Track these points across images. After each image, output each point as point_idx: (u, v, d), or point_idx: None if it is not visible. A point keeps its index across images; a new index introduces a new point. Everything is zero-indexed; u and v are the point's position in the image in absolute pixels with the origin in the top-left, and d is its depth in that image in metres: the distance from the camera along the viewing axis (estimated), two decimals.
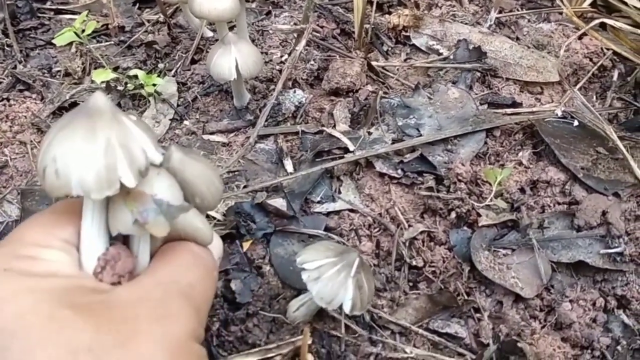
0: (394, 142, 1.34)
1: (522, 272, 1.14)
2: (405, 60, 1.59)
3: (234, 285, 1.09)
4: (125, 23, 1.74)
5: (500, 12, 1.69)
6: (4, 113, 1.52)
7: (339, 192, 1.29)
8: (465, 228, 1.20)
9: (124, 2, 1.82)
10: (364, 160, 1.31)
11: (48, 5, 1.83)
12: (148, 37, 1.70)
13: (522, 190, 1.26)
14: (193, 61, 1.62)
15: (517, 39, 1.62)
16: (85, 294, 0.62)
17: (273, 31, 1.60)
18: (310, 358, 1.01)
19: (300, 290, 1.10)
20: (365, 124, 1.40)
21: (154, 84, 1.48)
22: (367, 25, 1.60)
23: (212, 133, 1.44)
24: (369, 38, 1.61)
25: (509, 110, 1.40)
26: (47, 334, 0.55)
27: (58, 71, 1.64)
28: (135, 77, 1.51)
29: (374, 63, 1.53)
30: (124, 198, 0.65)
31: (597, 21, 1.41)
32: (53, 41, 1.37)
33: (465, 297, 1.13)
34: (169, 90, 1.52)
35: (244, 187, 1.28)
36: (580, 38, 1.57)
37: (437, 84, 1.46)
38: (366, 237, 1.22)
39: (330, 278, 0.95)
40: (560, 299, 1.12)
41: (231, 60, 1.29)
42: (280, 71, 1.52)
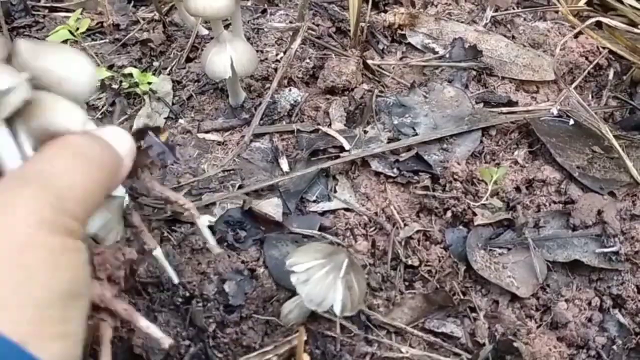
0: (389, 141, 1.34)
1: (517, 272, 1.14)
2: (401, 58, 1.58)
3: (227, 287, 1.09)
4: (120, 21, 1.73)
5: (496, 10, 1.68)
6: None
7: (335, 191, 1.28)
8: (461, 227, 1.20)
9: (118, 0, 1.81)
10: (359, 160, 1.30)
11: (42, 2, 1.82)
12: (143, 35, 1.69)
13: (517, 189, 1.26)
14: (188, 59, 1.61)
15: (513, 37, 1.62)
16: None
17: (268, 29, 1.60)
18: (306, 358, 1.01)
19: (294, 292, 1.09)
20: (361, 123, 1.40)
21: (148, 82, 1.47)
22: (362, 24, 1.60)
23: (207, 132, 1.43)
24: (365, 36, 1.61)
25: (505, 109, 1.40)
26: None
27: None
28: (130, 75, 1.51)
29: (369, 61, 1.52)
30: None
31: (593, 20, 1.41)
32: (47, 39, 1.36)
33: (461, 297, 1.13)
34: (164, 88, 1.51)
35: (239, 187, 1.28)
36: (576, 37, 1.57)
37: (433, 83, 1.46)
38: (362, 236, 1.21)
39: (319, 280, 0.95)
40: (556, 298, 1.12)
41: (226, 58, 1.28)
42: (276, 69, 1.52)
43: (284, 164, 1.33)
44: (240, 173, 1.32)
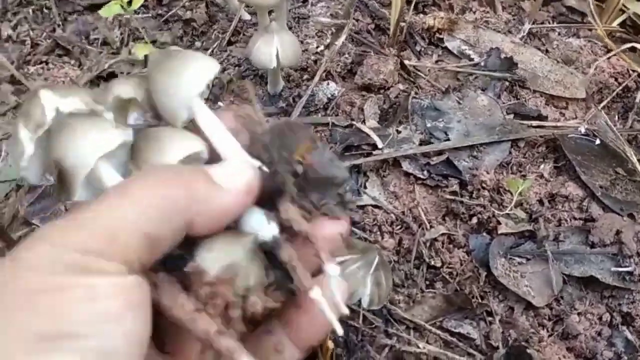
0: (421, 143, 1.38)
1: (534, 282, 1.20)
2: (436, 62, 1.62)
3: None
4: None
5: (533, 23, 1.72)
6: (43, 76, 1.56)
7: (365, 187, 1.34)
8: (484, 234, 1.25)
9: None
10: (391, 159, 1.35)
11: None
12: (186, 13, 1.73)
13: (540, 202, 1.31)
14: (230, 43, 1.65)
15: (547, 51, 1.66)
16: None
17: (313, 23, 1.63)
18: (331, 344, 1.07)
19: None
20: (394, 122, 1.44)
21: None
22: (402, 24, 1.63)
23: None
24: (403, 36, 1.65)
25: (535, 123, 1.45)
26: None
27: (96, 39, 1.68)
28: None
29: (406, 62, 1.56)
30: None
31: (628, 45, 1.45)
32: (99, 12, 1.40)
33: (480, 300, 1.18)
34: None
35: None
36: (607, 56, 1.61)
37: (467, 90, 1.50)
38: (388, 234, 1.27)
39: (351, 274, 1.01)
40: (569, 310, 1.17)
41: (273, 49, 1.33)
42: (315, 61, 1.56)
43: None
44: None
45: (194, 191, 0.53)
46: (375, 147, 1.37)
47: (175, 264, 0.55)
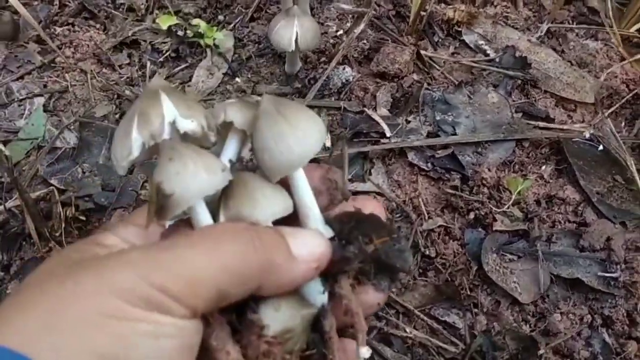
0: (429, 135, 1.43)
1: (523, 279, 1.25)
2: (452, 54, 1.65)
3: None
4: None
5: (552, 22, 1.74)
6: (68, 38, 1.61)
7: (370, 174, 1.39)
8: (480, 229, 1.30)
9: None
10: (398, 149, 1.40)
11: None
12: None
13: (538, 203, 1.36)
14: (252, 19, 1.69)
15: (563, 52, 1.68)
16: None
17: (335, 8, 1.66)
18: None
19: None
20: (404, 111, 1.48)
21: (213, 37, 1.56)
22: (422, 13, 1.66)
23: (260, 94, 1.52)
24: (422, 26, 1.67)
25: (541, 124, 1.48)
26: None
27: (122, 4, 1.72)
28: (197, 25, 1.59)
29: (422, 52, 1.59)
30: None
31: None
32: None
33: (468, 292, 1.24)
34: (226, 44, 1.60)
35: None
36: (621, 61, 1.63)
37: (479, 85, 1.54)
38: (387, 221, 1.32)
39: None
40: (552, 309, 1.23)
41: (292, 32, 1.37)
42: (334, 45, 1.60)
43: (327, 140, 1.43)
44: None
45: (272, 261, 0.57)
46: (383, 135, 1.42)
47: (234, 307, 0.58)
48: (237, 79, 1.55)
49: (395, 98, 1.52)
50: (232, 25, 1.66)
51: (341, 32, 1.63)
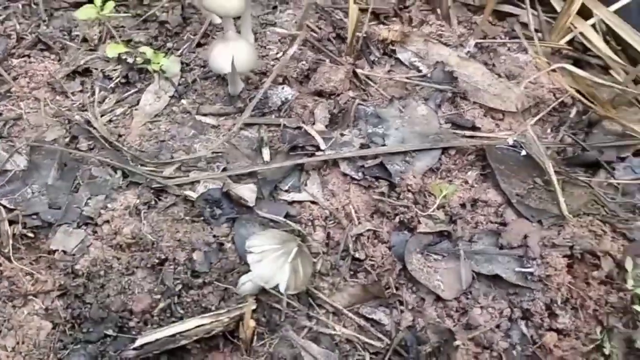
0: (361, 147, 1.51)
1: (446, 277, 1.33)
2: (388, 71, 1.75)
3: (196, 256, 1.29)
4: None
5: (485, 37, 1.84)
6: (24, 69, 1.70)
7: (306, 185, 1.47)
8: (405, 232, 1.38)
9: None
10: (331, 160, 1.49)
11: None
12: (162, 15, 1.86)
13: (463, 206, 1.44)
14: (199, 44, 1.78)
15: (493, 65, 1.78)
16: None
17: (271, 33, 1.76)
18: (252, 323, 1.21)
19: None
20: (341, 126, 1.58)
21: (160, 63, 1.65)
22: (359, 34, 1.76)
23: (204, 114, 1.62)
24: (360, 46, 1.77)
25: (468, 133, 1.57)
26: None
27: (77, 35, 1.81)
28: (144, 52, 1.68)
29: (359, 71, 1.69)
30: None
31: (559, 65, 1.58)
32: (74, 14, 1.54)
33: (394, 291, 1.32)
34: (173, 69, 1.69)
35: (223, 169, 1.47)
36: (548, 72, 1.73)
37: (410, 99, 1.63)
38: (321, 228, 1.40)
39: (270, 262, 1.15)
40: (473, 303, 1.31)
41: (228, 56, 1.46)
42: (274, 66, 1.69)
43: (266, 154, 1.51)
44: (226, 157, 1.51)
45: None
46: (318, 148, 1.51)
47: None
48: (183, 101, 1.64)
49: (332, 114, 1.61)
50: (180, 51, 1.76)
51: (281, 54, 1.73)
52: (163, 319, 1.25)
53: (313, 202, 1.44)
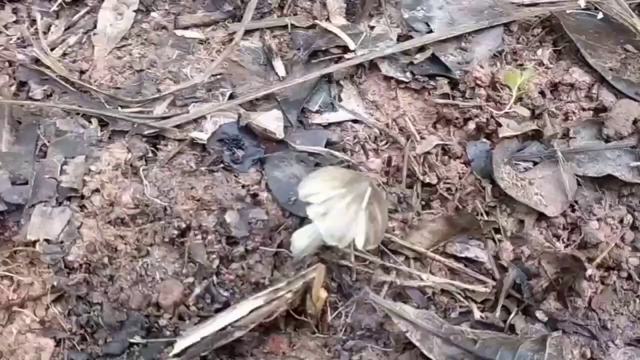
0: (400, 39, 1.19)
1: (545, 188, 1.06)
2: None
3: (228, 217, 0.96)
4: None
5: None
6: None
7: (340, 100, 1.16)
8: (484, 140, 1.10)
9: None
10: (367, 62, 1.16)
11: None
12: None
13: (542, 94, 1.15)
14: None
15: None
16: None
17: None
18: (324, 293, 0.92)
19: (303, 219, 0.98)
20: (363, 16, 1.24)
21: None
22: None
23: (186, 28, 1.26)
24: None
25: (527, 1, 1.25)
26: None
27: None
28: None
29: None
30: None
31: None
32: None
33: (485, 217, 1.04)
34: None
35: (230, 96, 1.13)
36: None
37: None
38: (373, 152, 1.10)
39: (340, 212, 0.84)
40: (586, 216, 1.04)
41: None
42: None
43: (280, 67, 1.19)
44: (230, 79, 1.17)
45: None
46: (346, 49, 1.19)
47: None
48: (153, 14, 1.26)
49: (349, 2, 1.27)
50: None
51: None
52: (203, 307, 0.94)
53: (355, 121, 1.13)
